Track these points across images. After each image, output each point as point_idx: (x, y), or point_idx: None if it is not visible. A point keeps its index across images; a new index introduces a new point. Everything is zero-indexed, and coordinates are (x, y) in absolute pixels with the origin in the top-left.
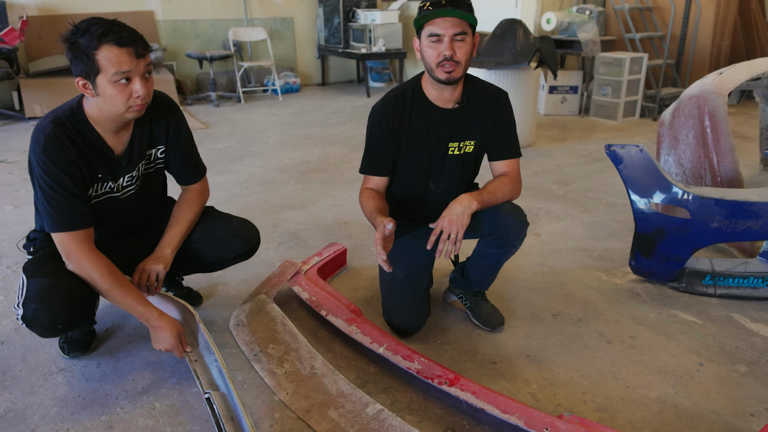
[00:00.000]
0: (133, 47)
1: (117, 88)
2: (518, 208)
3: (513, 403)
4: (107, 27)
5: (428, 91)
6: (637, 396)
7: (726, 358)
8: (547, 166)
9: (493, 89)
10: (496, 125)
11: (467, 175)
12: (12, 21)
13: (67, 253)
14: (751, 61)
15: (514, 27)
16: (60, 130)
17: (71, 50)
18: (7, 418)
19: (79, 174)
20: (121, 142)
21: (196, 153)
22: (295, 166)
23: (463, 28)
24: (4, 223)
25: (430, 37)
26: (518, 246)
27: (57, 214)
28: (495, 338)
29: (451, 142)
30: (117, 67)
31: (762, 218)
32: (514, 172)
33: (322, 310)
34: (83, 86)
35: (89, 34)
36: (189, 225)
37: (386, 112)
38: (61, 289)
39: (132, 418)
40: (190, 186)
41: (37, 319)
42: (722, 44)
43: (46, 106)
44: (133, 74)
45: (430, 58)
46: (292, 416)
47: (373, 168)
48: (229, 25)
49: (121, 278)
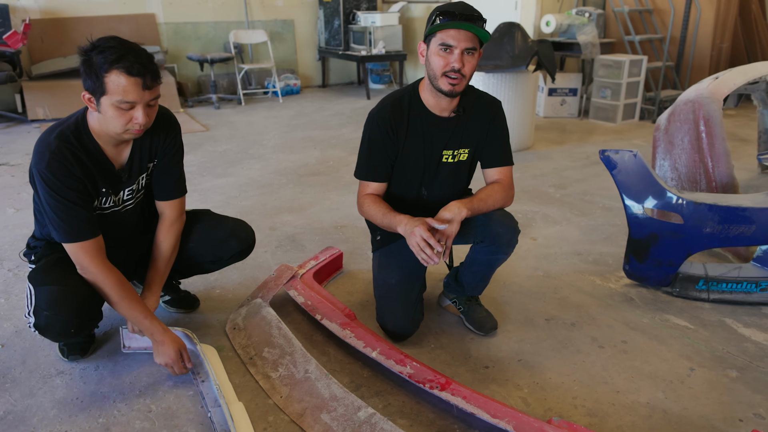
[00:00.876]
0: (141, 78)
1: (118, 111)
2: (509, 216)
3: (503, 408)
4: (122, 53)
5: (426, 98)
6: (627, 401)
7: (717, 363)
8: (544, 169)
9: (487, 98)
10: (490, 133)
11: (460, 182)
12: (15, 24)
13: (80, 264)
14: (747, 65)
15: (512, 30)
16: (64, 146)
17: (84, 65)
18: (7, 420)
19: (83, 188)
20: (122, 155)
21: (181, 171)
22: (293, 169)
23: (474, 44)
24: (5, 226)
25: (441, 46)
26: (509, 253)
27: (66, 225)
28: (488, 343)
29: (445, 149)
30: (122, 95)
31: (755, 224)
32: (507, 180)
33: (317, 314)
34: (88, 100)
35: (104, 55)
36: (169, 259)
37: (385, 117)
38: (70, 296)
39: (129, 420)
40: (166, 207)
41: (50, 325)
42: (722, 46)
43: (48, 109)
44: (137, 103)
45: (437, 66)
46: (286, 419)
47: (374, 174)
48: (229, 27)
49: (131, 291)
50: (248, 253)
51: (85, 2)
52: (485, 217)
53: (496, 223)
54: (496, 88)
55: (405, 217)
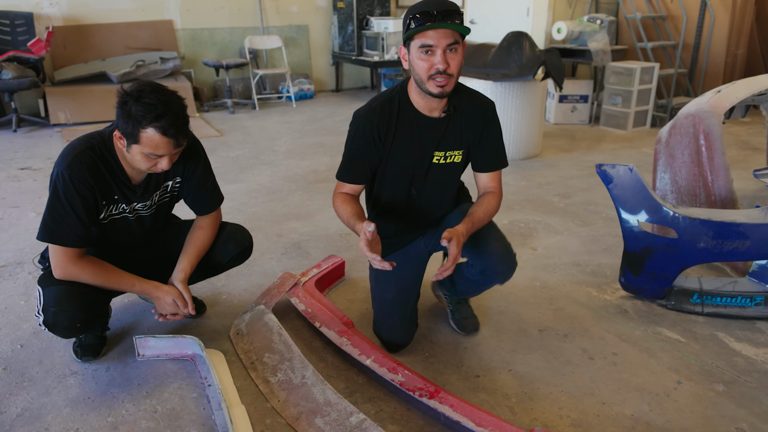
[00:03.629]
0: (175, 140)
1: (146, 158)
2: (508, 249)
3: (488, 417)
4: (161, 111)
5: (415, 99)
6: (611, 412)
7: (705, 377)
8: (550, 178)
9: (481, 98)
10: (484, 136)
11: (451, 184)
12: (39, 32)
13: (54, 263)
14: (751, 78)
15: (520, 40)
16: (88, 152)
17: (121, 108)
18: (24, 416)
19: (91, 198)
20: (141, 174)
21: (212, 184)
22: (303, 176)
23: (455, 38)
24: (26, 230)
25: (422, 48)
26: (505, 282)
27: (54, 226)
28: (480, 352)
29: (437, 151)
30: (154, 150)
31: (749, 239)
32: (498, 186)
33: (316, 322)
34: (118, 138)
35: (144, 109)
36: (203, 250)
37: (372, 120)
38: (75, 293)
39: (136, 420)
40: (204, 220)
41: (57, 321)
42: (738, 53)
43: (70, 114)
44: (164, 155)
45: (421, 70)
46: (282, 422)
47: (350, 176)
48: (245, 33)
49: (109, 270)
50: (246, 256)
51: (106, 10)
52: (482, 245)
53: (495, 257)
54: (504, 96)
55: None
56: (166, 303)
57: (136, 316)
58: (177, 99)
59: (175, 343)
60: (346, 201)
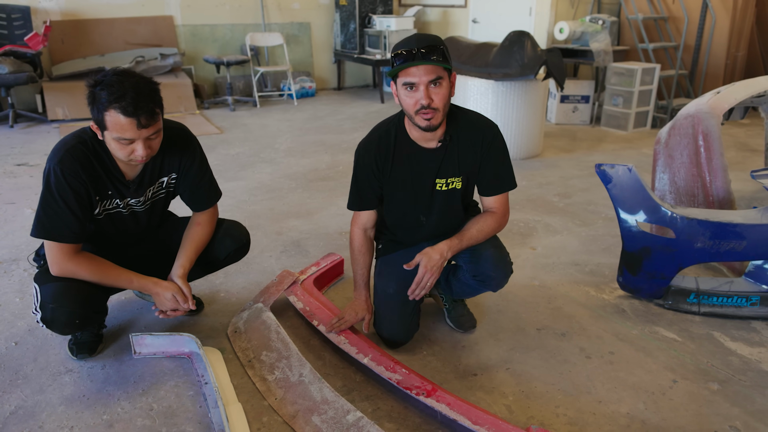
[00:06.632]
0: (136, 119)
1: (119, 145)
2: (503, 258)
3: (484, 415)
4: (122, 92)
5: (410, 131)
6: (607, 411)
7: (700, 375)
8: (551, 178)
9: (481, 123)
10: (484, 161)
11: (457, 208)
12: (36, 26)
13: (50, 260)
14: (750, 79)
15: (522, 39)
16: (80, 147)
17: (89, 97)
18: (18, 414)
19: (84, 193)
20: (134, 169)
21: (209, 180)
22: (303, 174)
23: (438, 74)
24: (22, 227)
25: (405, 86)
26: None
27: (48, 222)
28: (478, 351)
29: (438, 178)
30: (120, 133)
31: (746, 239)
32: (502, 208)
33: (314, 320)
34: (96, 130)
35: (105, 92)
36: (201, 246)
37: (370, 152)
38: (73, 289)
39: (131, 418)
40: (201, 216)
41: (56, 317)
42: (738, 55)
43: (67, 109)
44: (135, 139)
45: (407, 105)
46: (279, 420)
47: (359, 204)
48: (246, 29)
49: (107, 266)
50: (244, 253)
51: (104, 4)
52: (478, 250)
53: (489, 262)
54: (506, 96)
55: (354, 305)
56: (165, 299)
57: (133, 313)
58: (143, 81)
59: (172, 341)
60: (362, 252)
